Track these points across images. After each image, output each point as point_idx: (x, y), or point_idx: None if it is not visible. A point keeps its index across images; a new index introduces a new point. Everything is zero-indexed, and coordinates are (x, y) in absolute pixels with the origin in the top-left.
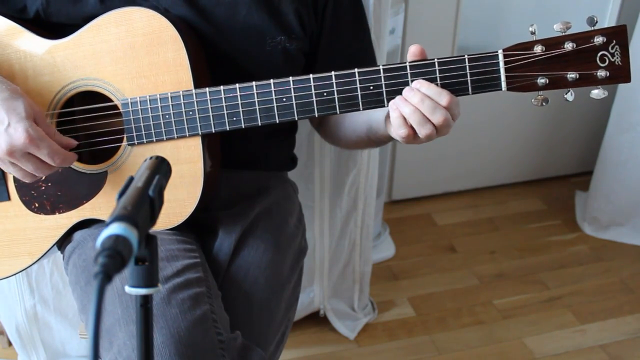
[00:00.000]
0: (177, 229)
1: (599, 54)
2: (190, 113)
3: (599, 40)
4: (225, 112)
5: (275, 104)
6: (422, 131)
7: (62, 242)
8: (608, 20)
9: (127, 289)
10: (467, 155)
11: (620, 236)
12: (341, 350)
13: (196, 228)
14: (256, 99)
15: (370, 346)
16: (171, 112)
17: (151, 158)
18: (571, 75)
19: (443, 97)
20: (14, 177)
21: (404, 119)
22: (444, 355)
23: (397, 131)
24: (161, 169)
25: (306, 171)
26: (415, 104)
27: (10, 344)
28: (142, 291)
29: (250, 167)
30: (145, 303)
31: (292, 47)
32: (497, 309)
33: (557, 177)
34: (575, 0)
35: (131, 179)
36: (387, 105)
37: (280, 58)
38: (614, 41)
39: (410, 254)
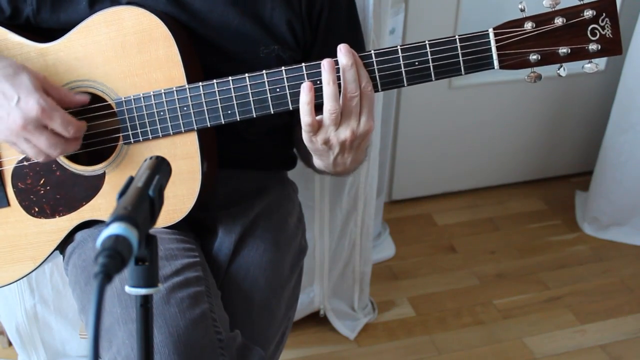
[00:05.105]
0: (176, 228)
1: (589, 28)
2: (185, 109)
3: (588, 13)
4: (219, 105)
5: (269, 95)
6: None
7: (64, 244)
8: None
9: (127, 289)
10: (467, 155)
11: (620, 236)
12: (341, 350)
13: (196, 228)
14: (250, 91)
15: (370, 346)
16: (165, 108)
17: (151, 158)
18: (563, 50)
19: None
20: (12, 182)
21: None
22: (444, 355)
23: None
24: (161, 168)
25: (306, 171)
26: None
27: (10, 344)
28: (142, 291)
29: (249, 166)
30: (145, 303)
31: (286, 56)
32: (497, 309)
33: (557, 177)
34: (574, 2)
35: (131, 179)
36: (381, 90)
37: (274, 64)
38: (604, 14)
39: (410, 254)
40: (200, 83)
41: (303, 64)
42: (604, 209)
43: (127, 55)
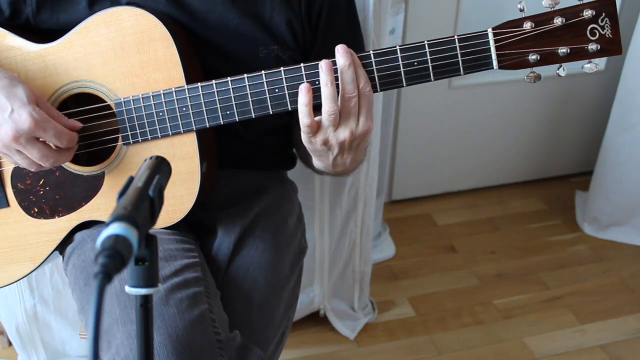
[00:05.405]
0: (176, 229)
1: (589, 28)
2: (184, 109)
3: (588, 13)
4: (218, 106)
5: (267, 95)
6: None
7: (63, 244)
8: None
9: (127, 289)
10: (467, 155)
11: (620, 236)
12: (341, 350)
13: (195, 228)
14: (248, 91)
15: (370, 346)
16: (164, 109)
17: (151, 158)
18: (562, 50)
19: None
20: (12, 183)
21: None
22: (444, 355)
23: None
24: (161, 168)
25: (306, 171)
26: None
27: (10, 344)
28: (142, 291)
29: (248, 166)
30: (145, 303)
31: (286, 56)
32: (497, 309)
33: (557, 177)
34: (574, 2)
35: (131, 179)
36: (380, 91)
37: (273, 64)
38: (603, 14)
39: (410, 254)
40: (199, 84)
41: (302, 65)
42: (604, 209)
43: (126, 55)
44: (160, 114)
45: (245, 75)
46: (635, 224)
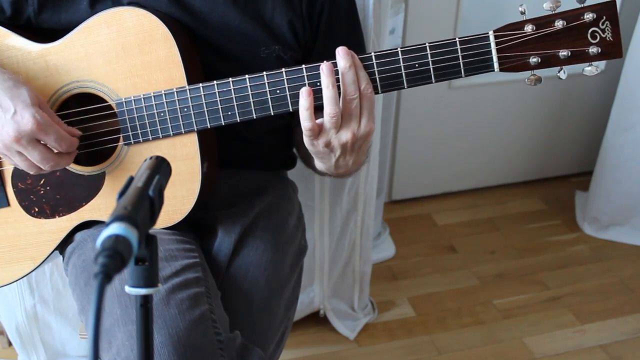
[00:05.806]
0: (176, 229)
1: (589, 31)
2: (185, 110)
3: (589, 16)
4: (219, 106)
5: (269, 96)
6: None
7: (63, 244)
8: None
9: (127, 289)
10: (467, 155)
11: (620, 236)
12: (341, 350)
13: (196, 228)
14: (250, 92)
15: (370, 346)
16: (166, 109)
17: (151, 158)
18: (563, 53)
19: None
20: (12, 182)
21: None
22: (444, 355)
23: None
24: (161, 168)
25: (306, 171)
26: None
27: (10, 344)
28: (142, 291)
29: (249, 166)
30: (145, 303)
31: (287, 56)
32: (497, 309)
33: (557, 177)
34: (574, 3)
35: (131, 179)
36: (381, 92)
37: (274, 65)
38: (604, 17)
39: (410, 254)
40: (201, 84)
41: (303, 66)
42: (604, 209)
43: (128, 56)
44: (162, 114)
45: (247, 76)
46: (635, 224)
